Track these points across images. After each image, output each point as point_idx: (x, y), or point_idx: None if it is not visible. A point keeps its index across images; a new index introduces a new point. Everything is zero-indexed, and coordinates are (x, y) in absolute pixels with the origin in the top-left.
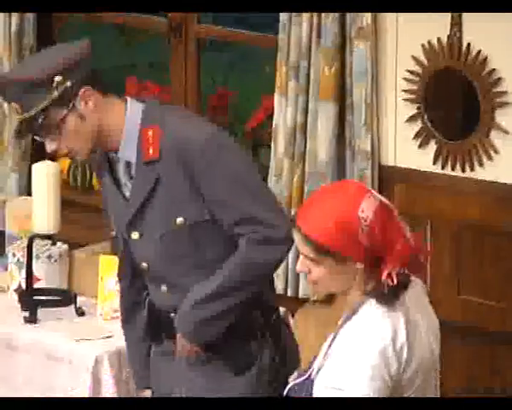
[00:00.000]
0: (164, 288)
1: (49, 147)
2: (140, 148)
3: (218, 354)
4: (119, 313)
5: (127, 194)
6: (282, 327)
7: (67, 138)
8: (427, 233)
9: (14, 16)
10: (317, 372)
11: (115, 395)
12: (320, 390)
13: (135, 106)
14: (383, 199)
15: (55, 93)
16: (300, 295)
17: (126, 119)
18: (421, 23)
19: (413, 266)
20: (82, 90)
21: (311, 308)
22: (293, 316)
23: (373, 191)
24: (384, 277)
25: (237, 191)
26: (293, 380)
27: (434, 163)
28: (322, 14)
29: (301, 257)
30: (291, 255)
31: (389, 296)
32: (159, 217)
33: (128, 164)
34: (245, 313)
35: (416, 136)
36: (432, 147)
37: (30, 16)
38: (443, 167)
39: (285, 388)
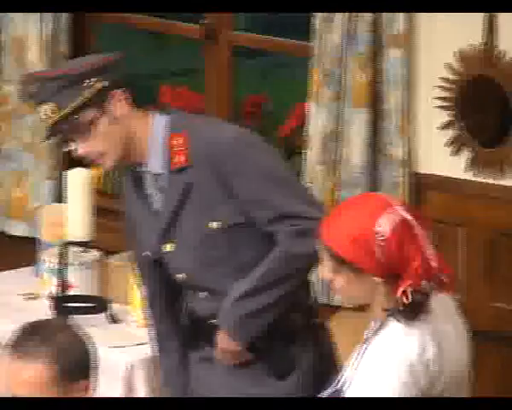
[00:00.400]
0: (203, 295)
1: (80, 151)
2: (168, 157)
3: (259, 359)
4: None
5: (157, 206)
6: (321, 332)
7: (100, 141)
8: (460, 241)
9: (48, 24)
10: (348, 385)
11: None
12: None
13: (159, 117)
14: (406, 215)
15: (88, 92)
16: (333, 302)
17: (152, 130)
18: (454, 30)
19: (435, 285)
20: (115, 92)
21: (343, 316)
22: None
23: (396, 207)
24: (399, 294)
25: (270, 188)
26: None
27: (467, 170)
28: (356, 22)
29: (323, 264)
30: None
31: (406, 314)
32: (193, 224)
33: (156, 176)
34: (284, 316)
35: (450, 143)
36: (465, 154)
37: (64, 24)
38: (476, 175)
39: None
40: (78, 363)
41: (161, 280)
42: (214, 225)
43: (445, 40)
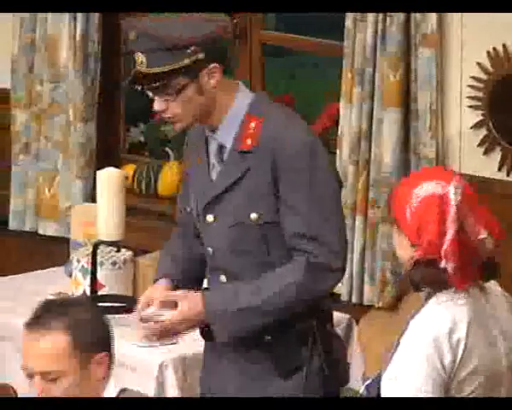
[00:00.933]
0: (223, 278)
1: (158, 106)
2: (238, 136)
3: (268, 355)
4: None
5: (213, 176)
6: (334, 339)
7: (180, 106)
8: None
9: (80, 24)
10: (385, 367)
11: None
12: (383, 383)
13: (245, 94)
14: (452, 194)
15: (187, 61)
16: (365, 301)
17: (235, 102)
18: (486, 29)
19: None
20: (211, 66)
21: (375, 315)
22: (357, 323)
23: (452, 184)
24: (408, 261)
25: (314, 205)
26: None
27: (499, 170)
28: (387, 21)
29: None
30: (355, 261)
31: (412, 282)
32: (236, 207)
33: (221, 147)
34: (299, 317)
35: (481, 143)
36: (497, 154)
37: (95, 24)
38: (508, 174)
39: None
40: (94, 335)
41: (191, 249)
42: (253, 216)
43: (476, 40)
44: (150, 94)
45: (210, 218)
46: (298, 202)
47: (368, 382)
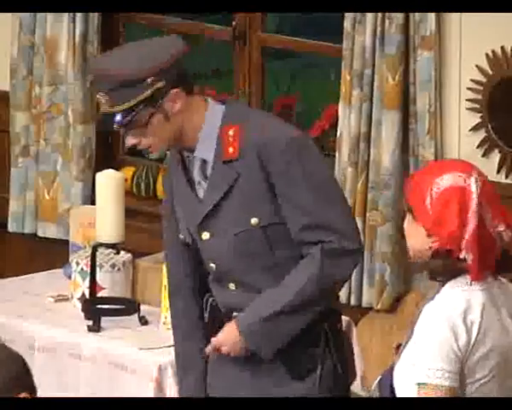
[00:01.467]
0: (232, 286)
1: (130, 141)
2: (219, 147)
3: (281, 358)
4: None
5: (200, 194)
6: (344, 338)
7: (150, 136)
8: None
9: (79, 26)
10: (399, 357)
11: None
12: (398, 372)
13: (216, 106)
14: (473, 187)
15: (148, 92)
16: (364, 304)
17: (206, 118)
18: (485, 32)
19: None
20: (173, 91)
21: (374, 317)
22: (356, 325)
23: (472, 177)
24: (426, 250)
25: (314, 195)
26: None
27: (498, 172)
28: (386, 23)
29: None
30: None
31: (431, 272)
32: (234, 216)
33: (203, 163)
34: (311, 322)
35: (480, 145)
36: (496, 156)
37: (94, 26)
38: (507, 176)
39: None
40: (14, 378)
41: (187, 269)
42: (253, 221)
43: (475, 42)
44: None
45: (206, 235)
46: (297, 196)
47: (379, 378)
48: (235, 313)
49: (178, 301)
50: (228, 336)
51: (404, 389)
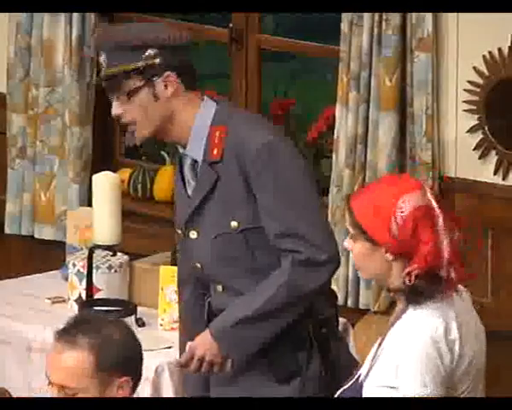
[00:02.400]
0: (219, 288)
1: (114, 110)
2: (207, 147)
3: (264, 361)
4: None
5: (189, 191)
6: (333, 343)
7: (133, 110)
8: (488, 244)
9: (75, 28)
10: (366, 375)
11: None
12: (371, 391)
13: (209, 105)
14: (432, 202)
15: (141, 63)
16: (361, 305)
17: (197, 116)
18: (482, 33)
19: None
20: (167, 73)
21: (371, 319)
22: (353, 327)
23: (430, 193)
24: (404, 275)
25: (284, 202)
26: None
27: (495, 174)
28: (383, 25)
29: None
30: (351, 265)
31: (409, 297)
32: (215, 218)
33: (194, 162)
34: (295, 321)
35: (477, 146)
36: (493, 158)
37: (90, 28)
38: (504, 178)
39: None
40: (120, 358)
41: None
42: (233, 224)
43: (473, 44)
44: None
45: (193, 234)
46: (269, 203)
47: (340, 391)
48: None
49: (185, 292)
50: (202, 341)
51: None
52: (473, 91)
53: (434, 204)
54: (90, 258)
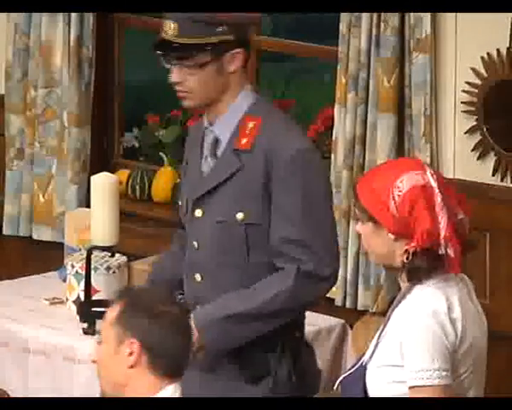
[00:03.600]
0: (198, 277)
1: (175, 77)
2: (235, 133)
3: (235, 361)
4: None
5: (204, 169)
6: (303, 348)
7: (197, 81)
8: (486, 244)
9: (73, 29)
10: (370, 357)
11: None
12: (374, 371)
13: (249, 93)
14: (431, 181)
15: (215, 38)
16: (359, 306)
17: (238, 99)
18: (480, 35)
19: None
20: (236, 50)
21: (369, 320)
22: (351, 328)
23: (427, 172)
24: (401, 253)
25: (306, 211)
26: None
27: (493, 175)
28: (381, 26)
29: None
30: (349, 266)
31: (409, 275)
32: (224, 204)
33: (215, 141)
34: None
35: (475, 147)
36: (491, 158)
37: (89, 29)
38: (502, 179)
39: None
40: (139, 324)
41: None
42: (239, 215)
43: (471, 45)
44: (168, 65)
45: (198, 213)
46: (290, 208)
47: (348, 372)
48: (198, 307)
49: (174, 247)
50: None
51: (384, 389)
52: (471, 92)
53: (433, 183)
54: (88, 259)
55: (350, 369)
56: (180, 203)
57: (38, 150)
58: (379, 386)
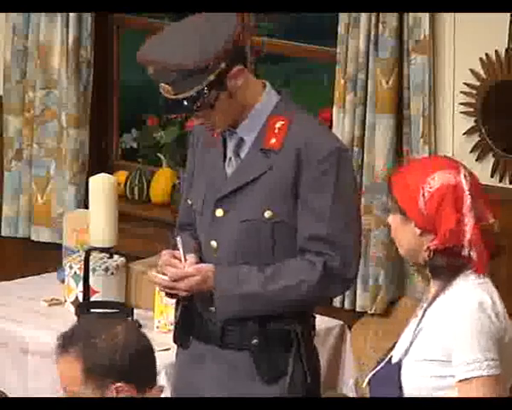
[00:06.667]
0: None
1: (197, 122)
2: (261, 133)
3: (252, 360)
4: None
5: (228, 170)
6: (314, 348)
7: (218, 114)
8: None
9: (72, 30)
10: (406, 353)
11: None
12: (412, 365)
13: (272, 93)
14: (464, 183)
15: (212, 76)
16: (358, 308)
17: (261, 101)
18: (478, 36)
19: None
20: (235, 69)
21: (368, 321)
22: (350, 329)
23: (461, 173)
24: (424, 250)
25: (337, 209)
26: (370, 371)
27: (492, 176)
28: (380, 27)
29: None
30: None
31: (435, 272)
32: (250, 203)
33: (240, 142)
34: (286, 321)
35: (474, 149)
36: (489, 160)
37: (87, 30)
38: (501, 180)
39: None
40: (107, 364)
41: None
42: (267, 213)
43: (469, 46)
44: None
45: (220, 212)
46: (321, 206)
47: (371, 374)
48: (211, 308)
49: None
50: (204, 280)
51: (421, 384)
52: (469, 94)
53: (465, 185)
54: (86, 260)
55: (375, 368)
56: (190, 203)
57: (37, 151)
58: (416, 380)
